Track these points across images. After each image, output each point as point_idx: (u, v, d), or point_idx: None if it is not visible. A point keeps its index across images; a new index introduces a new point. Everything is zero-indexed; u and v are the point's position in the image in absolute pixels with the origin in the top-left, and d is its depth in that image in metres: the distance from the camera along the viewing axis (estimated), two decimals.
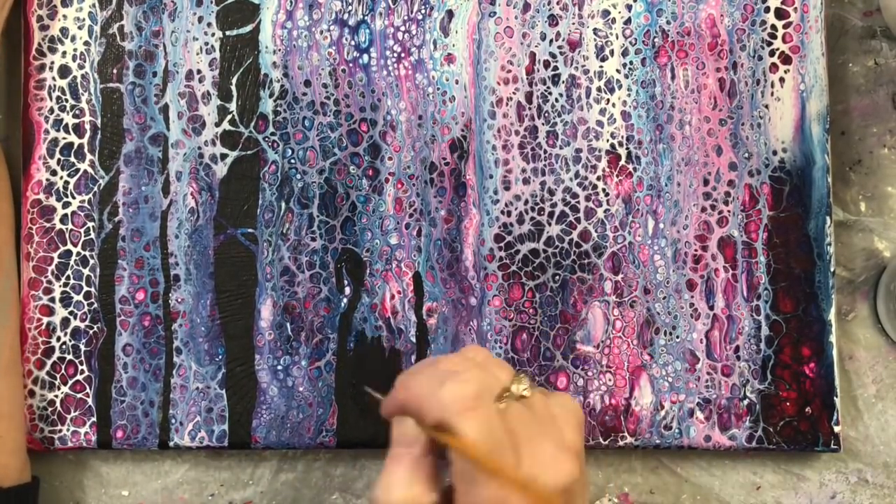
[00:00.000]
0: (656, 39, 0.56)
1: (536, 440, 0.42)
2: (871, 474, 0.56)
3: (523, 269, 0.55)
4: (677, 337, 0.55)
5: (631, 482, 0.56)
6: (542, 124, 0.55)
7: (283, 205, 0.55)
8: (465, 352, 0.45)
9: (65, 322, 0.55)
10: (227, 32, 0.56)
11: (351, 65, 0.56)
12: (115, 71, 0.56)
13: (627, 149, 0.55)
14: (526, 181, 0.55)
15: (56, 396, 0.55)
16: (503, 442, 0.41)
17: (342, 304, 0.55)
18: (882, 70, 0.58)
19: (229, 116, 0.56)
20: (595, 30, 0.56)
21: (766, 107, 0.55)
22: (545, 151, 0.55)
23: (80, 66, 0.56)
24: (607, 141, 0.55)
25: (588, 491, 0.46)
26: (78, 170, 0.55)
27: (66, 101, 0.56)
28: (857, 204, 0.57)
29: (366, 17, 0.56)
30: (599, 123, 0.55)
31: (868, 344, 0.57)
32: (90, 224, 0.55)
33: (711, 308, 0.55)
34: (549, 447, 0.42)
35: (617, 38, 0.56)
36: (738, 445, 0.54)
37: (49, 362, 0.55)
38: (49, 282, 0.55)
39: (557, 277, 0.55)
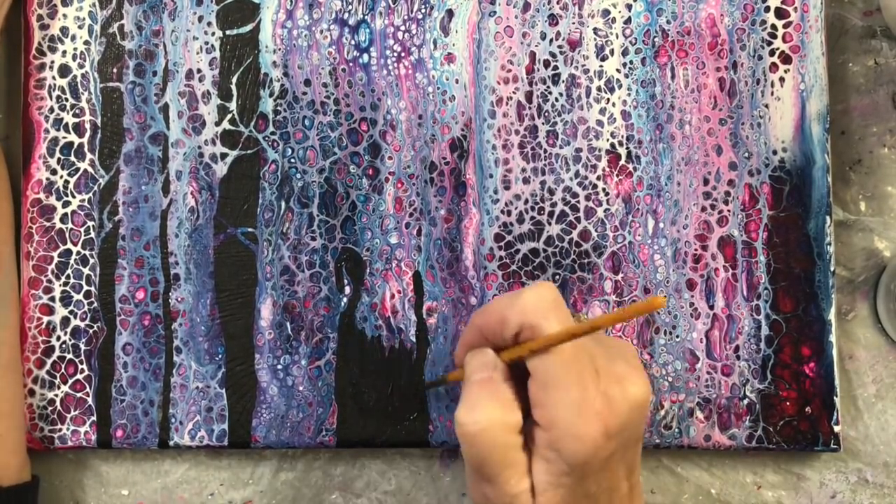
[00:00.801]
0: (656, 39, 0.56)
1: (609, 359, 0.43)
2: (871, 474, 0.56)
3: (523, 269, 0.55)
4: (677, 336, 0.55)
5: None
6: (542, 124, 0.56)
7: (283, 204, 0.55)
8: (531, 285, 0.46)
9: (65, 321, 0.55)
10: (227, 32, 0.56)
11: (351, 64, 0.56)
12: (115, 70, 0.56)
13: (627, 148, 0.55)
14: (526, 181, 0.55)
15: (56, 395, 0.55)
16: (584, 346, 0.42)
17: (342, 304, 0.55)
18: (882, 70, 0.58)
19: (229, 116, 0.56)
20: (595, 29, 0.56)
21: (766, 106, 0.55)
22: (545, 151, 0.55)
23: (81, 66, 0.56)
24: (607, 140, 0.55)
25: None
26: (78, 169, 0.55)
27: (66, 100, 0.56)
28: (857, 203, 0.57)
29: (366, 17, 0.56)
30: (599, 123, 0.55)
31: (868, 344, 0.57)
32: (90, 223, 0.55)
33: (711, 307, 0.55)
34: (623, 365, 0.43)
35: (617, 37, 0.56)
36: (738, 445, 0.54)
37: (49, 361, 0.55)
38: (49, 281, 0.55)
39: (557, 277, 0.55)
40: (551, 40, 0.56)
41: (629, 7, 0.56)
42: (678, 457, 0.56)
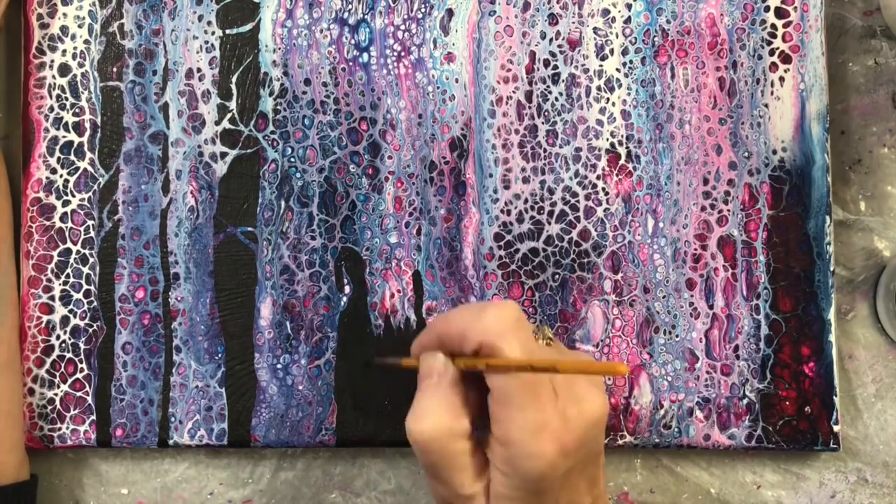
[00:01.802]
0: (656, 38, 0.56)
1: (569, 375, 0.43)
2: (871, 474, 0.56)
3: (523, 268, 0.55)
4: (677, 336, 0.55)
5: (630, 481, 0.56)
6: (542, 123, 0.56)
7: (283, 203, 0.55)
8: (495, 302, 0.46)
9: (64, 320, 0.55)
10: (227, 31, 0.56)
11: (351, 63, 0.56)
12: (115, 69, 0.56)
13: (627, 148, 0.55)
14: (525, 180, 0.55)
15: (55, 395, 0.55)
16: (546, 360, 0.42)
17: (342, 303, 0.55)
18: (882, 69, 0.58)
19: (229, 115, 0.56)
20: (595, 29, 0.56)
21: (766, 106, 0.55)
22: (545, 150, 0.55)
23: (80, 65, 0.56)
24: (607, 140, 0.55)
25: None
26: (78, 168, 0.55)
27: (66, 99, 0.56)
28: (857, 203, 0.57)
29: (366, 16, 0.56)
30: (599, 122, 0.55)
31: (867, 343, 0.57)
32: (90, 222, 0.55)
33: (711, 307, 0.55)
34: (583, 381, 0.44)
35: (617, 37, 0.56)
36: (737, 445, 0.54)
37: (49, 360, 0.55)
38: (49, 280, 0.55)
39: (557, 276, 0.55)
40: (551, 40, 0.56)
41: (629, 6, 0.56)
42: (678, 456, 0.56)
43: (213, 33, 0.56)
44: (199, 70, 0.56)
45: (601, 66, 0.56)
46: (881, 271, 0.57)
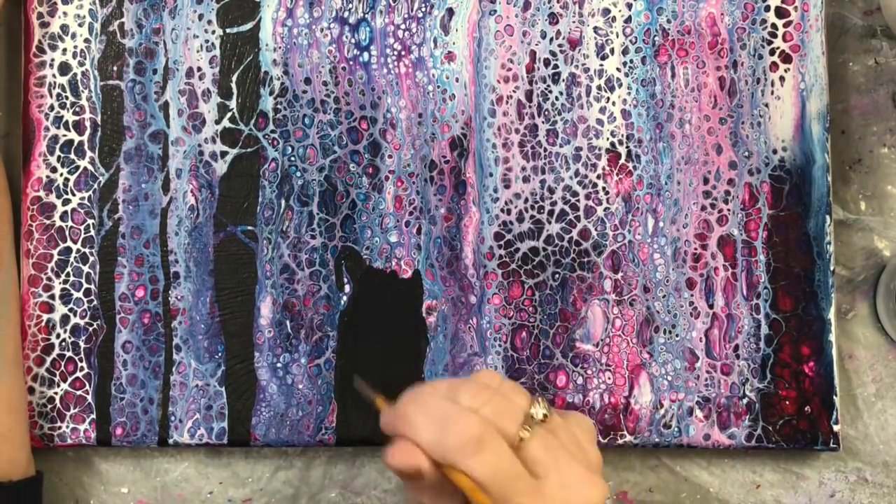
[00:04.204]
0: (656, 38, 0.56)
1: (565, 464, 0.42)
2: (871, 473, 0.56)
3: (523, 268, 0.55)
4: (677, 335, 0.55)
5: (630, 481, 0.56)
6: (543, 122, 0.56)
7: (283, 202, 0.55)
8: (479, 378, 0.43)
9: (64, 319, 0.55)
10: (228, 30, 0.56)
11: (351, 62, 0.56)
12: (115, 68, 0.56)
13: (627, 147, 0.55)
14: (526, 179, 0.55)
15: (56, 393, 0.55)
16: (518, 475, 0.41)
17: (342, 302, 0.55)
18: (882, 69, 0.58)
19: (229, 114, 0.56)
20: (595, 28, 0.56)
21: (767, 105, 0.55)
22: (545, 150, 0.55)
23: (81, 64, 0.56)
24: (607, 139, 0.55)
25: None
26: (78, 167, 0.55)
27: (67, 98, 0.56)
28: (857, 203, 0.57)
29: (366, 15, 0.56)
30: (599, 122, 0.55)
31: (867, 343, 0.57)
32: (90, 221, 0.55)
33: (711, 307, 0.55)
34: (580, 470, 0.42)
35: (617, 36, 0.56)
36: (737, 444, 0.54)
37: (49, 359, 0.55)
38: (49, 279, 0.55)
39: (557, 276, 0.55)
40: (551, 39, 0.56)
41: (629, 6, 0.56)
42: (677, 455, 0.56)
43: (213, 32, 0.56)
44: (199, 69, 0.56)
45: (601, 65, 0.56)
46: (881, 271, 0.57)
